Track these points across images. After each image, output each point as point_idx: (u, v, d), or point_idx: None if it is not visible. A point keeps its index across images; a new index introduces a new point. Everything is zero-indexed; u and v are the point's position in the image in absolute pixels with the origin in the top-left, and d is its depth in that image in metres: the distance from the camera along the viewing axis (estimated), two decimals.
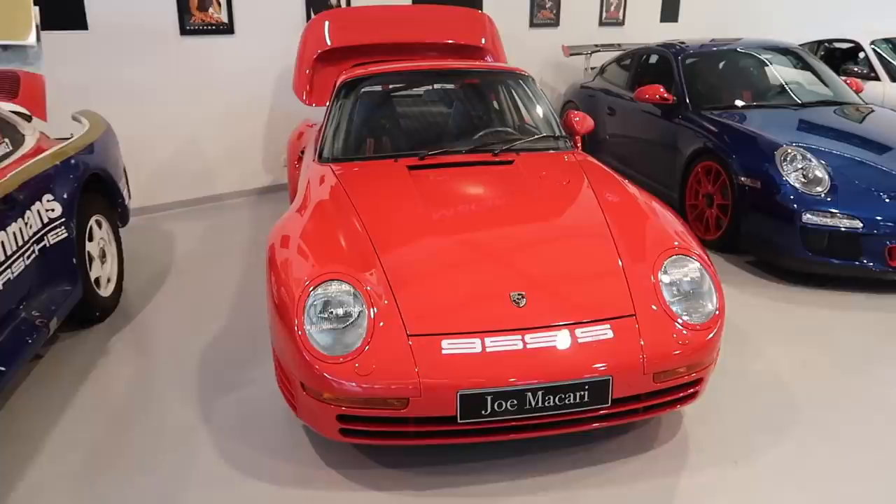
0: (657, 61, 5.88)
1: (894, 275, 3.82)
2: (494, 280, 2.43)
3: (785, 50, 5.67)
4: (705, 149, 4.61)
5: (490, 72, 3.96)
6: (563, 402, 2.20)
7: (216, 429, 2.70)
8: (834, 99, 5.16)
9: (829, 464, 2.45)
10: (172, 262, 4.53)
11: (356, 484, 2.37)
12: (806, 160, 4.02)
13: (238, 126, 5.79)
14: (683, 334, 2.32)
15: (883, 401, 2.84)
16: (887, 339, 3.38)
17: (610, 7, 7.94)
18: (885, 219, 3.77)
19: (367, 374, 2.16)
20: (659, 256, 2.51)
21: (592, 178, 3.14)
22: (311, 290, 2.29)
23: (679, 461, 2.47)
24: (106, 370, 3.17)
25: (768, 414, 2.75)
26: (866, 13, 9.24)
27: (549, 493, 2.31)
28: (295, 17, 5.85)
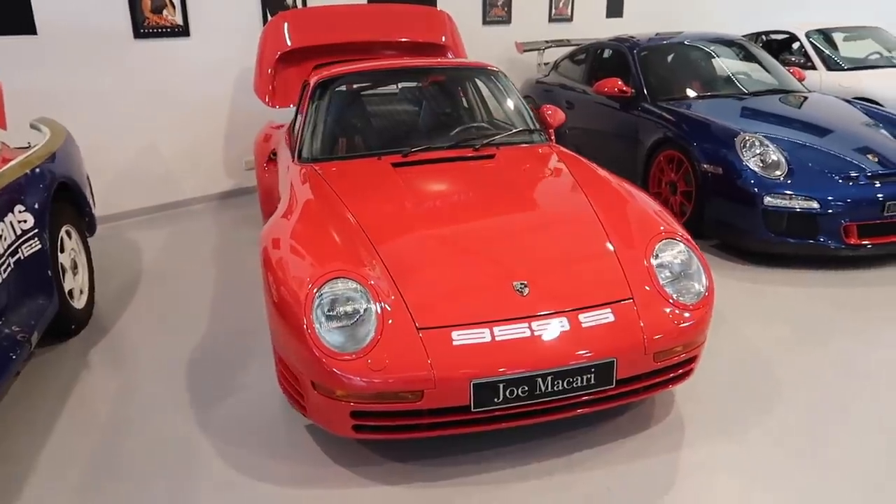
0: (611, 55, 6.04)
1: (849, 251, 4.05)
2: (495, 270, 2.48)
3: (731, 42, 5.91)
4: (666, 138, 4.77)
5: (464, 68, 4.01)
6: (572, 386, 2.27)
7: (215, 435, 2.66)
8: (779, 87, 5.42)
9: (813, 431, 2.60)
10: (141, 270, 4.42)
11: (367, 480, 2.39)
12: (763, 146, 4.22)
13: (197, 130, 5.67)
14: (678, 314, 2.42)
15: (850, 368, 3.02)
16: (845, 312, 3.58)
17: (559, 4, 8.10)
18: (839, 199, 3.99)
19: (381, 369, 2.18)
20: (650, 241, 2.61)
21: (573, 168, 3.23)
22: (317, 288, 2.29)
23: (675, 438, 2.57)
24: (90, 383, 3.08)
25: (752, 389, 2.89)
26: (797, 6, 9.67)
27: (556, 477, 2.38)
28: (251, 18, 5.77)
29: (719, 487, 2.31)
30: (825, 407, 2.74)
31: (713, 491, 2.30)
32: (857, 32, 7.63)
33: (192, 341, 3.43)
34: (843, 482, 2.32)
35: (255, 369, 3.14)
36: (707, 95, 5.21)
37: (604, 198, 2.93)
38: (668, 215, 2.83)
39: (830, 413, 2.70)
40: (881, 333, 3.36)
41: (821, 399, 2.80)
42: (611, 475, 2.38)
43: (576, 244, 2.66)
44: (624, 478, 2.37)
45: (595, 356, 2.27)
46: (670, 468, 2.41)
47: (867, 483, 2.31)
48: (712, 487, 2.31)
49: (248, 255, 4.65)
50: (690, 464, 2.43)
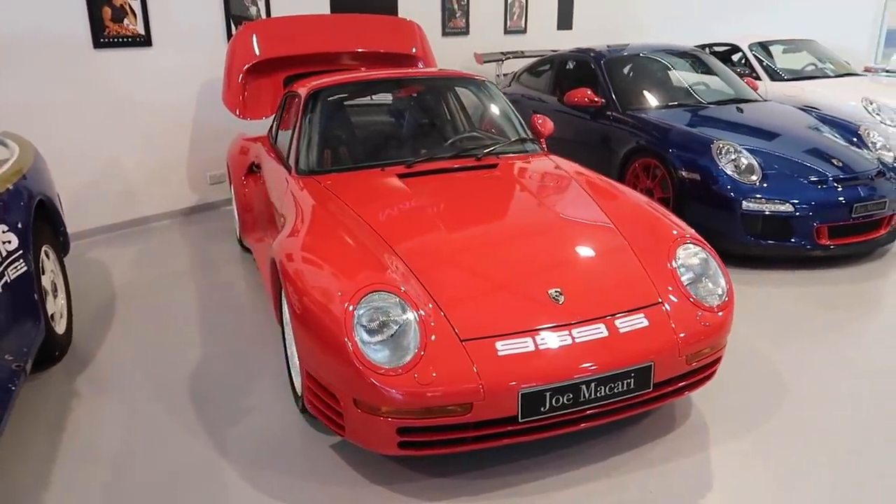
0: (576, 66, 6.18)
1: (822, 251, 4.26)
2: (528, 279, 2.48)
3: (689, 53, 6.14)
4: (641, 147, 4.90)
5: (455, 78, 4.00)
6: (613, 392, 2.29)
7: (237, 460, 2.54)
8: (738, 97, 5.65)
9: (826, 421, 2.70)
10: (114, 291, 4.19)
11: (408, 497, 2.33)
12: (737, 152, 4.39)
13: (160, 143, 5.44)
14: (705, 316, 2.48)
15: (844, 360, 3.17)
16: (827, 308, 3.76)
17: (513, 16, 8.23)
18: (811, 202, 4.19)
19: (428, 384, 2.13)
20: (670, 245, 2.66)
21: (576, 176, 3.27)
22: (357, 303, 2.22)
23: (703, 437, 2.63)
24: (85, 413, 2.89)
25: (758, 385, 2.98)
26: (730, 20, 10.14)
27: (600, 481, 2.38)
28: (215, 28, 5.60)
29: (755, 479, 2.37)
30: (830, 397, 2.86)
31: (750, 483, 2.35)
32: (794, 45, 8.06)
33: (186, 364, 3.27)
34: (863, 468, 2.42)
35: (260, 391, 3.02)
36: (673, 105, 5.37)
37: (615, 205, 2.98)
38: (679, 220, 2.90)
39: (836, 403, 2.82)
40: (865, 326, 3.54)
41: (824, 390, 2.92)
42: (651, 476, 2.40)
43: (598, 251, 2.69)
44: (663, 478, 2.40)
45: (634, 361, 2.30)
46: (705, 465, 2.46)
47: (884, 468, 2.42)
48: (748, 480, 2.37)
49: (224, 271, 4.49)
50: (722, 459, 2.48)
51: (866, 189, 4.32)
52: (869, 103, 6.53)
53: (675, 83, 5.81)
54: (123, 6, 4.97)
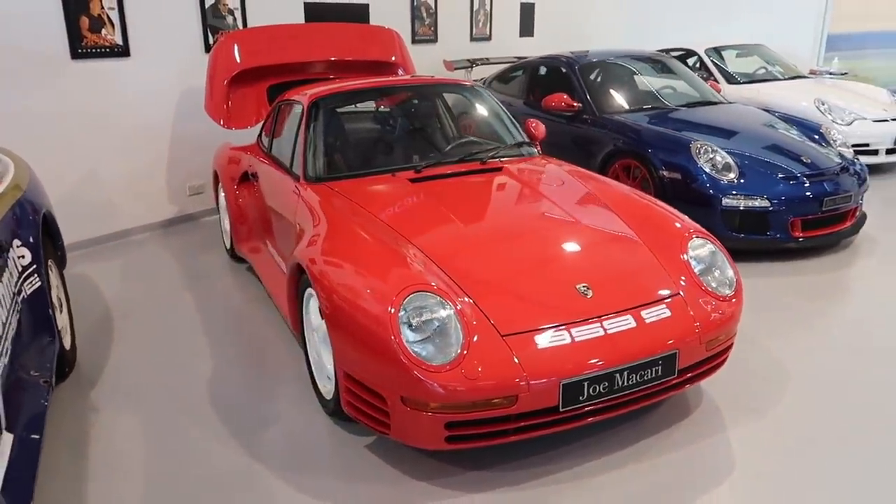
0: (548, 72, 6.36)
1: (796, 244, 4.52)
2: (555, 274, 2.59)
3: (652, 59, 6.39)
4: (620, 149, 5.09)
5: (452, 85, 4.09)
6: (643, 379, 2.41)
7: (274, 465, 2.56)
8: (705, 99, 5.92)
9: (830, 402, 2.89)
10: (107, 306, 4.12)
11: (454, 491, 2.39)
12: (715, 152, 4.62)
13: (139, 155, 5.36)
14: (719, 305, 2.63)
15: (839, 344, 3.39)
16: (810, 296, 4.00)
17: (478, 23, 8.39)
18: (785, 197, 4.45)
19: (475, 378, 2.21)
20: (682, 239, 2.81)
21: (580, 177, 3.41)
22: (399, 305, 2.29)
23: (718, 420, 2.78)
24: (106, 427, 2.86)
25: (761, 370, 3.16)
26: (684, 26, 10.55)
27: (630, 466, 2.50)
28: (192, 38, 5.55)
29: (773, 455, 2.52)
30: (830, 377, 3.06)
31: (769, 459, 2.50)
32: (745, 49, 8.45)
33: (201, 375, 3.26)
34: (870, 438, 2.61)
35: (283, 397, 3.04)
36: (647, 108, 5.59)
37: (622, 202, 3.12)
38: (683, 215, 3.06)
39: (836, 382, 3.02)
40: (847, 311, 3.79)
41: (824, 373, 3.12)
42: (677, 459, 2.53)
43: (614, 246, 2.81)
44: (690, 460, 2.53)
45: (661, 349, 2.43)
46: (725, 446, 2.60)
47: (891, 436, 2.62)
48: (767, 456, 2.52)
49: (217, 282, 4.46)
50: (740, 439, 2.64)
51: (832, 184, 4.61)
52: (821, 104, 6.92)
53: (645, 87, 6.04)
54: (101, 16, 4.89)
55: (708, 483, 2.41)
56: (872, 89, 7.63)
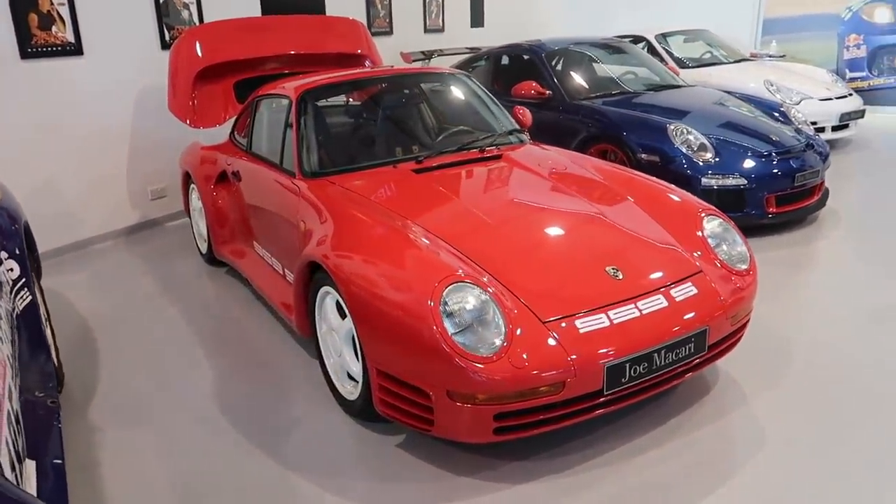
0: (511, 61, 6.36)
1: (772, 220, 4.66)
2: (583, 257, 2.58)
3: (613, 45, 6.48)
4: (595, 134, 5.14)
5: (440, 74, 4.02)
6: (679, 357, 2.43)
7: (307, 471, 2.46)
8: (669, 83, 6.04)
9: (833, 362, 2.99)
10: (84, 319, 3.88)
11: (499, 483, 2.36)
12: (690, 133, 4.72)
13: (97, 159, 5.06)
14: (739, 279, 2.68)
15: (831, 310, 3.51)
16: (795, 269, 4.13)
17: (431, 15, 8.32)
18: (760, 175, 4.58)
19: (523, 367, 2.17)
20: (695, 218, 2.85)
21: (582, 161, 3.41)
22: (439, 298, 2.23)
23: (739, 393, 2.83)
24: (117, 446, 2.68)
25: (765, 340, 3.24)
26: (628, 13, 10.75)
27: (668, 444, 2.52)
28: (147, 35, 5.28)
29: (797, 422, 2.58)
30: (831, 344, 3.16)
31: (794, 426, 2.56)
32: (691, 35, 8.68)
33: (206, 385, 3.11)
34: (887, 399, 2.71)
35: (299, 401, 2.93)
36: (616, 93, 5.67)
37: (628, 184, 3.14)
38: (688, 193, 3.10)
39: (838, 349, 3.12)
40: (830, 279, 3.93)
41: (825, 337, 3.22)
42: (710, 433, 2.57)
43: (632, 228, 2.81)
44: (722, 432, 2.57)
45: (693, 326, 2.45)
46: (751, 418, 2.65)
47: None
48: (792, 423, 2.58)
49: (198, 288, 4.27)
50: (763, 409, 2.69)
51: (800, 161, 4.77)
52: (770, 85, 7.17)
53: (609, 73, 6.12)
54: (51, 12, 4.59)
55: (744, 453, 2.45)
56: (813, 70, 7.97)
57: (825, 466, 2.36)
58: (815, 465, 2.37)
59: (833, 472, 2.33)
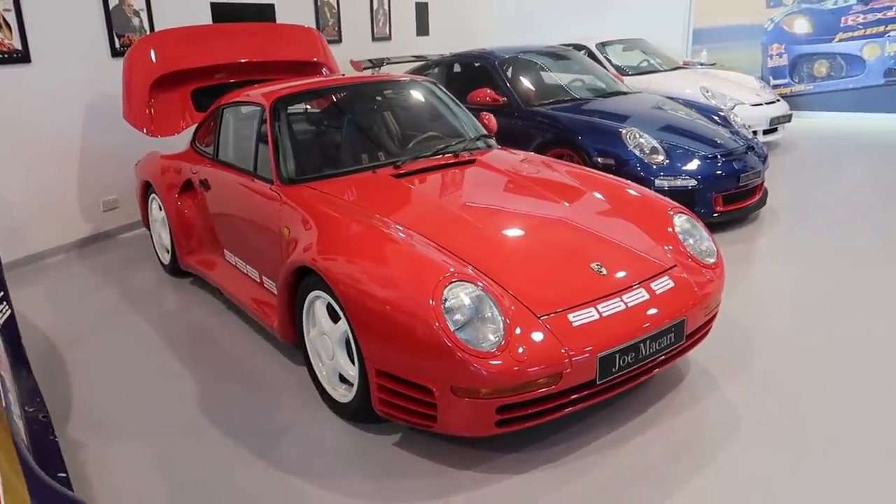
0: (462, 69, 6.49)
1: (719, 218, 4.94)
2: (568, 255, 2.70)
3: (559, 54, 6.69)
4: (552, 139, 5.31)
5: (410, 82, 4.09)
6: (661, 346, 2.57)
7: (308, 475, 2.48)
8: (616, 90, 6.29)
9: (792, 347, 3.21)
10: (46, 336, 3.75)
11: (500, 475, 2.43)
12: (643, 137, 4.95)
13: (46, 170, 4.89)
14: (709, 272, 2.85)
15: (784, 299, 3.76)
16: (746, 263, 4.39)
17: (379, 23, 8.38)
18: (708, 175, 4.85)
19: (523, 361, 2.27)
20: (667, 216, 3.02)
21: (555, 165, 3.55)
22: (440, 297, 2.30)
23: (710, 380, 3.01)
24: (102, 462, 2.62)
25: (730, 332, 3.44)
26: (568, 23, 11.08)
27: (651, 430, 2.66)
28: (97, 42, 5.13)
29: (768, 404, 2.78)
30: (789, 331, 3.40)
31: (766, 407, 2.75)
32: (629, 44, 9.05)
33: (190, 396, 3.07)
34: (851, 378, 2.94)
35: (289, 406, 2.94)
36: (568, 99, 5.87)
37: (600, 185, 3.29)
38: (655, 193, 3.27)
39: (797, 334, 3.35)
40: (782, 270, 4.20)
41: (781, 325, 3.46)
42: (689, 418, 2.73)
43: (608, 226, 2.95)
44: (699, 417, 2.73)
45: (674, 317, 2.60)
46: (725, 401, 2.83)
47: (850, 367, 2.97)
48: (763, 405, 2.77)
49: (164, 299, 4.20)
50: (735, 394, 2.87)
51: (742, 162, 5.07)
52: (706, 91, 7.56)
53: (559, 80, 6.32)
54: None
55: (721, 435, 2.62)
56: (744, 77, 8.44)
57: (794, 443, 2.55)
58: (785, 443, 2.55)
59: (802, 448, 2.52)
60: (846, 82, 9.70)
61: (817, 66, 9.87)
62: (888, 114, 9.41)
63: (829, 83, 9.82)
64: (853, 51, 9.58)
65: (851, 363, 3.09)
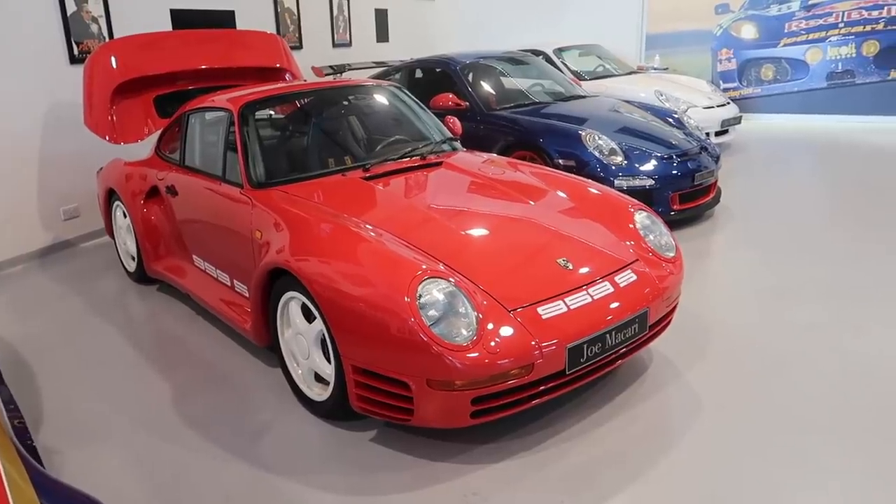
0: (424, 74, 6.58)
1: (676, 216, 5.12)
2: (535, 252, 2.80)
3: (518, 59, 6.84)
4: (514, 142, 5.43)
5: (376, 86, 4.15)
6: (625, 337, 2.69)
7: (289, 473, 2.52)
8: (574, 94, 6.46)
9: (749, 332, 3.38)
10: (13, 345, 3.69)
11: (478, 465, 2.51)
12: (601, 139, 5.11)
13: (4, 179, 4.80)
14: (669, 266, 2.99)
15: (739, 289, 3.94)
16: (701, 257, 4.57)
17: (339, 30, 8.42)
18: (665, 175, 5.03)
19: (496, 353, 2.36)
20: (628, 213, 3.15)
21: (520, 166, 3.67)
22: (416, 291, 2.37)
23: (673, 369, 3.15)
24: (78, 468, 2.62)
25: (688, 321, 3.59)
26: (524, 29, 11.29)
27: (617, 418, 2.77)
28: (54, 49, 5.07)
29: (729, 387, 2.92)
30: (744, 320, 3.56)
31: (727, 391, 2.90)
32: (585, 49, 9.27)
33: (166, 400, 3.07)
34: (805, 362, 3.11)
35: (265, 406, 2.97)
36: (528, 103, 6.00)
37: (564, 185, 3.41)
38: (615, 191, 3.41)
39: (751, 323, 3.52)
40: (734, 262, 4.39)
41: (737, 314, 3.62)
42: (652, 406, 2.85)
43: (573, 224, 3.07)
44: (663, 404, 2.86)
45: (637, 309, 2.72)
46: (687, 388, 2.96)
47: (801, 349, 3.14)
48: (725, 389, 2.91)
49: (131, 307, 4.17)
50: (698, 380, 3.01)
51: (696, 162, 5.27)
52: (660, 94, 7.80)
53: (519, 85, 6.46)
54: None
55: (685, 419, 2.75)
56: (696, 81, 8.74)
57: (754, 425, 2.69)
58: (745, 424, 2.70)
59: (762, 428, 2.67)
60: (791, 85, 10.12)
61: (764, 70, 10.27)
62: (830, 115, 9.85)
63: (776, 86, 10.22)
64: (797, 55, 9.99)
65: (805, 346, 3.27)
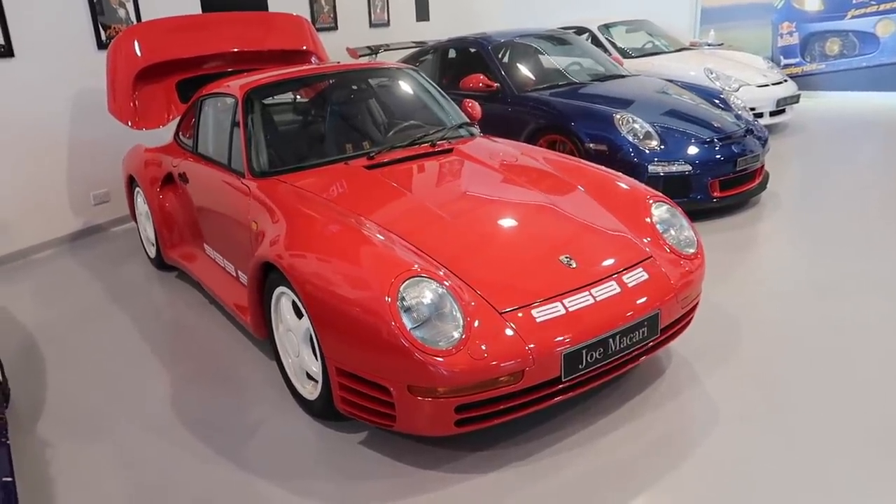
0: (458, 54, 6.37)
1: (717, 203, 4.80)
2: (537, 248, 2.61)
3: (557, 37, 6.55)
4: (544, 125, 5.19)
5: (388, 69, 4.00)
6: (632, 341, 2.48)
7: (272, 476, 2.43)
8: (613, 73, 6.14)
9: (779, 339, 3.11)
10: (29, 333, 3.74)
11: (466, 474, 2.37)
12: (636, 122, 4.82)
13: (34, 165, 4.88)
14: (686, 264, 2.75)
15: (773, 288, 3.64)
16: (740, 250, 4.26)
17: (376, 9, 8.27)
18: (704, 161, 4.71)
19: (482, 358, 2.19)
20: (645, 205, 2.91)
21: (533, 153, 3.45)
22: (396, 293, 2.23)
23: (691, 372, 2.92)
24: (69, 462, 2.60)
25: (714, 321, 3.33)
26: (572, 4, 10.89)
27: (627, 426, 2.57)
28: (82, 34, 5.10)
29: (749, 396, 2.68)
30: (776, 322, 3.28)
31: (747, 399, 2.66)
32: (633, 25, 8.84)
33: (163, 394, 3.04)
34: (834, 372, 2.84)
35: (259, 404, 2.89)
36: (562, 84, 5.74)
37: (580, 174, 3.19)
38: (635, 181, 3.17)
39: (783, 325, 3.24)
40: (776, 258, 4.07)
41: (769, 316, 3.34)
42: (666, 413, 2.63)
43: (583, 217, 2.85)
44: (678, 412, 2.64)
45: (645, 311, 2.51)
46: (704, 395, 2.73)
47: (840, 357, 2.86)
48: (744, 397, 2.67)
49: (149, 294, 4.17)
50: (716, 386, 2.77)
51: (741, 146, 4.92)
52: (710, 73, 7.37)
53: (555, 64, 6.19)
54: None
55: (700, 431, 2.53)
56: (750, 57, 8.22)
57: (777, 440, 2.45)
58: (767, 439, 2.46)
59: (785, 444, 2.42)
60: (859, 60, 9.42)
61: (829, 44, 9.60)
62: None
63: (842, 62, 9.55)
64: (866, 27, 9.29)
65: (848, 351, 2.98)
